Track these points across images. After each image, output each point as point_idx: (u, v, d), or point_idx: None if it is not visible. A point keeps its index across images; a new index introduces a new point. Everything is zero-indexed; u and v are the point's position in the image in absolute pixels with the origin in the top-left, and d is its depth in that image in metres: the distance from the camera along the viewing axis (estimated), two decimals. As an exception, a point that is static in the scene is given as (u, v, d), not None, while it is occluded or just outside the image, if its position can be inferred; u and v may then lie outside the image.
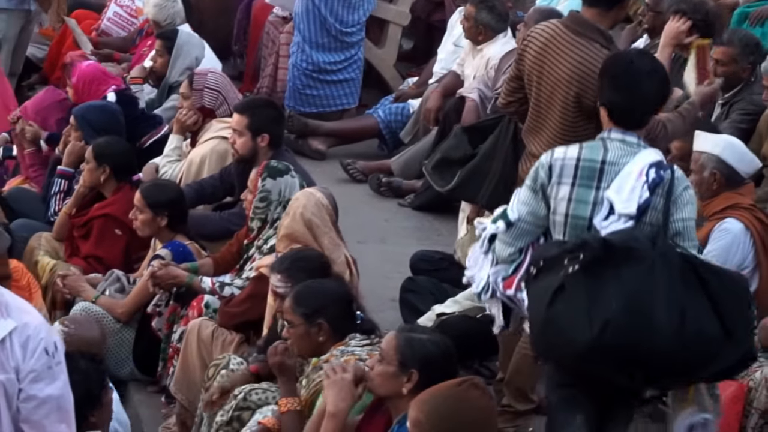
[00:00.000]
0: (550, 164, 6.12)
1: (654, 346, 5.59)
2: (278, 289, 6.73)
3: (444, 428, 4.77)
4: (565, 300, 5.77)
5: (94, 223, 8.72)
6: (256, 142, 8.26)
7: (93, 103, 9.96)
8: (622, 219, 5.81)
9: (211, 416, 6.89)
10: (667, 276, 5.67)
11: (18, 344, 4.47)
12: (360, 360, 6.08)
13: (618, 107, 6.09)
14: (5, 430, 4.48)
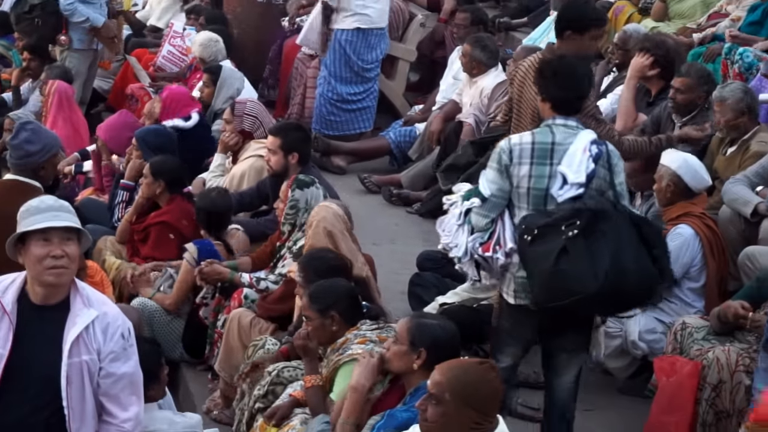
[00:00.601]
0: (510, 149, 6.64)
1: (628, 287, 6.40)
2: (297, 278, 6.97)
3: (459, 393, 4.72)
4: (570, 259, 6.33)
5: (151, 229, 8.82)
6: (287, 159, 8.33)
7: (151, 127, 10.10)
8: (574, 187, 6.42)
9: (249, 390, 6.96)
10: (627, 231, 6.47)
11: (99, 330, 4.75)
12: (370, 341, 6.21)
13: (560, 99, 6.70)
14: (88, 401, 4.88)
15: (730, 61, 9.60)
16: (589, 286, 6.25)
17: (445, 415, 4.74)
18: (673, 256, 7.30)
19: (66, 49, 12.52)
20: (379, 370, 5.87)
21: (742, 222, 7.86)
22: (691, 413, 6.83)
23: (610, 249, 6.34)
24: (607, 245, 6.36)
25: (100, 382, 4.91)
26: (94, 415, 4.96)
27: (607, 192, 6.64)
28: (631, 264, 6.39)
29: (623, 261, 6.34)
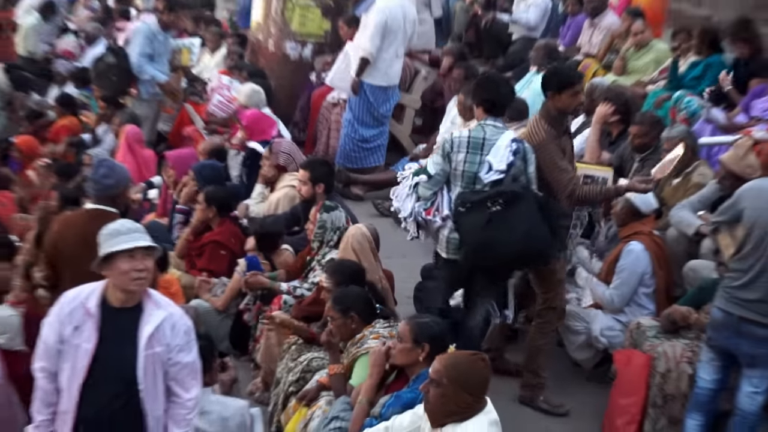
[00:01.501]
0: (452, 141, 7.37)
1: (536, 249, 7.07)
2: (324, 284, 7.07)
3: (455, 379, 4.92)
4: (494, 228, 7.02)
5: (206, 246, 8.89)
6: (315, 189, 8.39)
7: (205, 162, 10.21)
8: (497, 173, 7.11)
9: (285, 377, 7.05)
10: (533, 207, 7.05)
11: (168, 327, 5.00)
12: (382, 336, 6.32)
13: (489, 103, 7.38)
14: (159, 385, 5.20)
15: (678, 108, 9.65)
16: (507, 250, 7.05)
17: (444, 396, 4.93)
18: (630, 267, 7.48)
19: (135, 99, 12.64)
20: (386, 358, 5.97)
21: (686, 240, 7.95)
22: (643, 396, 6.94)
23: (524, 222, 6.97)
24: (522, 219, 6.98)
25: (168, 369, 5.17)
26: (163, 397, 5.19)
27: (521, 178, 7.25)
28: (539, 234, 7.07)
29: (533, 232, 7.00)
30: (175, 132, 12.49)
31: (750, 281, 5.93)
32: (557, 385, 7.56)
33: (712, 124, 9.29)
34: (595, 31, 12.61)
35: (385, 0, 11.61)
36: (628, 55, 11.66)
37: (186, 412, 5.25)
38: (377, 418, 5.71)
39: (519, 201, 7.06)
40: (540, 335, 7.37)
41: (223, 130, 11.77)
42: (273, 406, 7.10)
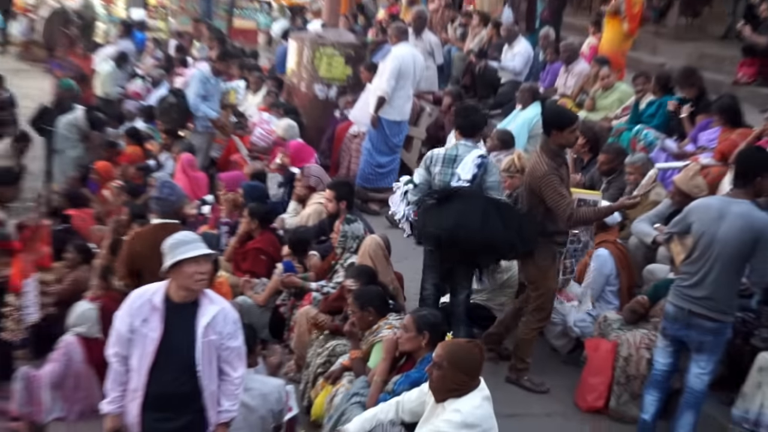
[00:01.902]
0: (431, 156, 7.68)
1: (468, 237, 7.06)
2: (346, 284, 7.07)
3: (453, 363, 4.98)
4: (427, 217, 7.46)
5: (249, 253, 8.87)
6: (339, 205, 8.34)
7: (251, 183, 10.28)
8: (464, 181, 7.30)
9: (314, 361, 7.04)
10: (481, 205, 7.20)
11: (221, 319, 5.13)
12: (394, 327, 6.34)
13: (464, 128, 7.68)
14: (213, 366, 5.31)
15: (638, 139, 9.64)
16: (434, 233, 7.29)
17: (444, 377, 5.00)
18: (599, 270, 7.48)
19: (192, 132, 12.67)
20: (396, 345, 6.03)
21: (645, 248, 7.94)
22: (609, 376, 6.96)
23: (454, 213, 7.13)
24: (452, 211, 7.16)
25: (221, 353, 5.28)
26: (216, 376, 5.32)
27: (483, 186, 7.38)
28: (475, 225, 7.07)
29: (466, 221, 7.07)
30: (224, 158, 12.52)
31: (698, 282, 5.91)
32: (539, 366, 7.47)
33: (666, 152, 9.26)
34: (569, 75, 12.60)
35: (398, 49, 11.62)
36: (596, 96, 11.66)
37: (234, 388, 5.37)
38: (390, 393, 5.75)
39: (456, 198, 7.29)
40: (527, 330, 7.26)
41: (263, 157, 11.80)
42: (304, 384, 7.10)
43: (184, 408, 5.25)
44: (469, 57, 14.91)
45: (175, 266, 5.09)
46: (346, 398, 6.04)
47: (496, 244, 7.21)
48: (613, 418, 6.85)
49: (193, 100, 12.73)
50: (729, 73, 13.71)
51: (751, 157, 6.25)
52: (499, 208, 7.27)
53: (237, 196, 9.82)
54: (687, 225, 6.16)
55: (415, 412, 5.34)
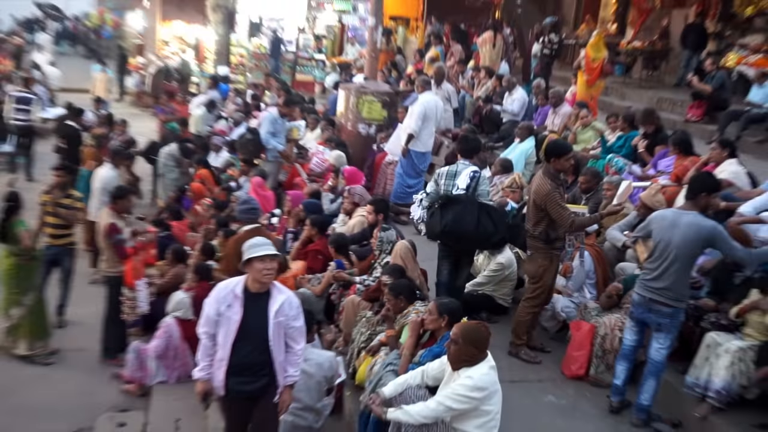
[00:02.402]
0: (439, 172, 7.80)
1: (465, 233, 7.35)
2: (383, 279, 7.08)
3: (466, 338, 5.01)
4: (433, 217, 7.66)
5: (309, 252, 8.88)
6: (377, 217, 8.35)
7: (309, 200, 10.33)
8: (461, 190, 7.41)
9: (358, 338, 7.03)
10: (471, 209, 7.36)
11: (287, 305, 5.17)
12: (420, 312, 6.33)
13: (463, 151, 7.90)
14: (281, 341, 5.37)
15: (610, 165, 9.60)
16: (437, 229, 7.53)
17: (459, 350, 5.03)
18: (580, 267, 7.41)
19: (264, 161, 12.73)
20: (420, 326, 6.00)
21: (616, 250, 7.87)
22: (589, 350, 6.90)
23: (452, 214, 7.39)
24: (451, 212, 7.41)
25: (287, 331, 5.33)
26: (283, 349, 5.39)
27: (476, 193, 7.49)
28: (470, 223, 7.36)
29: (462, 220, 7.36)
30: (289, 181, 12.57)
31: (657, 276, 5.92)
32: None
33: (632, 176, 9.21)
34: (556, 116, 12.57)
35: (423, 97, 11.65)
36: (577, 131, 11.62)
37: (297, 358, 5.44)
38: (416, 364, 5.72)
39: (454, 203, 7.49)
40: (523, 314, 7.17)
41: (319, 180, 11.81)
42: (350, 356, 7.06)
43: (259, 373, 5.30)
44: (477, 102, 14.94)
45: (248, 263, 5.20)
46: (382, 367, 6.03)
47: (487, 235, 7.47)
48: (592, 383, 6.78)
49: (265, 136, 12.81)
50: (681, 114, 13.76)
51: (699, 180, 6.36)
52: (488, 211, 7.52)
53: (300, 211, 9.85)
54: (648, 231, 6.23)
55: (437, 378, 5.33)
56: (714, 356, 6.06)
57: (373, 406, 5.40)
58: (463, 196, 7.50)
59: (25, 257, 8.78)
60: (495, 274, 7.88)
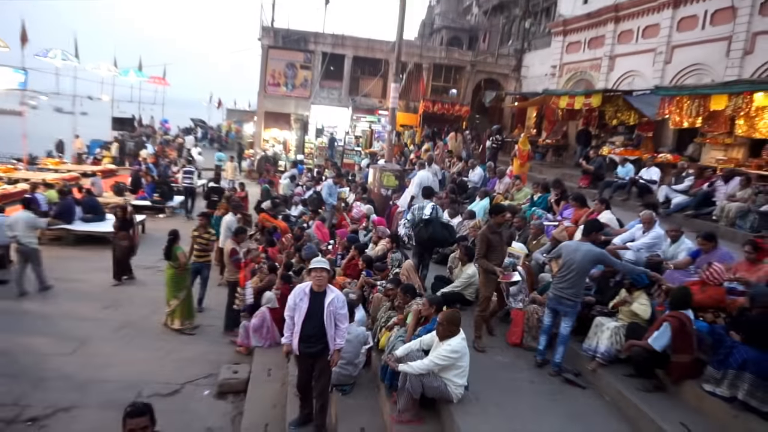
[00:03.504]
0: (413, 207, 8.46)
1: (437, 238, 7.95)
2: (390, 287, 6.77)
3: (447, 320, 4.92)
4: (420, 231, 7.99)
5: (351, 266, 8.66)
6: (392, 245, 8.29)
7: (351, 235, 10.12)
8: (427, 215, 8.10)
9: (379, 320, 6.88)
10: (439, 225, 8.04)
11: (335, 299, 4.94)
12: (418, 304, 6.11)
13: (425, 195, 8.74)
14: (332, 321, 5.17)
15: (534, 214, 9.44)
16: (425, 236, 7.95)
17: (443, 328, 4.87)
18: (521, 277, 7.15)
19: (324, 211, 12.72)
20: (419, 314, 5.81)
21: (538, 266, 7.67)
22: (522, 327, 6.64)
23: (430, 229, 7.94)
24: (430, 227, 7.94)
25: (335, 315, 5.14)
26: (333, 326, 5.12)
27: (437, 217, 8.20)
28: (440, 233, 8.01)
29: (435, 231, 7.95)
30: (339, 223, 12.46)
31: (564, 282, 5.77)
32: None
33: (548, 219, 9.06)
34: (501, 184, 12.46)
35: (420, 172, 11.68)
36: (513, 193, 11.47)
37: (342, 332, 5.24)
38: (416, 336, 5.57)
39: (430, 223, 8.06)
40: (476, 317, 6.45)
41: (357, 223, 11.71)
42: (375, 331, 6.84)
43: (318, 341, 5.17)
44: (453, 176, 14.85)
45: (310, 272, 5.19)
46: (395, 338, 5.90)
47: (446, 240, 8.25)
48: (525, 348, 6.53)
49: (325, 196, 12.83)
50: (575, 183, 13.59)
51: (591, 223, 6.25)
52: (446, 227, 8.29)
53: (345, 241, 9.75)
54: (558, 254, 6.07)
55: (429, 345, 5.19)
56: (600, 332, 5.90)
57: (389, 362, 5.34)
58: (433, 218, 8.16)
59: (180, 269, 8.79)
60: (465, 280, 7.71)
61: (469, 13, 37.66)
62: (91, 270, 11.19)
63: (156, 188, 17.54)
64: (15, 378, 6.85)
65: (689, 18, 15.29)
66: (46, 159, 24.58)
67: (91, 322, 8.79)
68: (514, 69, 26.29)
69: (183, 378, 7.28)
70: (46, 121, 46.14)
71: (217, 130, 43.99)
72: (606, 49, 18.86)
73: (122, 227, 10.73)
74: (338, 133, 25.37)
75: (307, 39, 25.32)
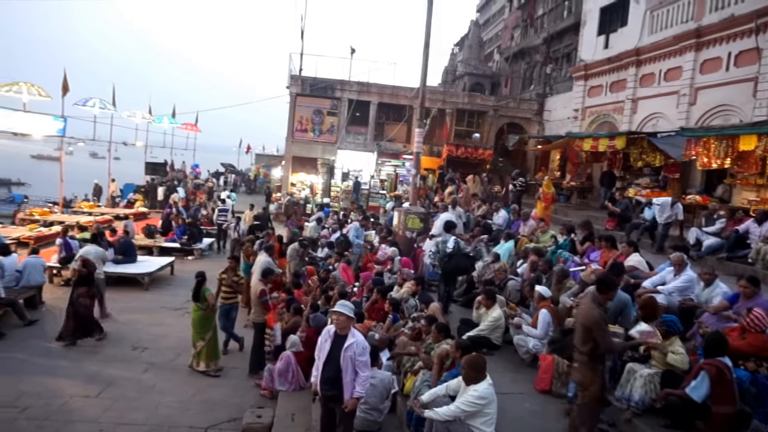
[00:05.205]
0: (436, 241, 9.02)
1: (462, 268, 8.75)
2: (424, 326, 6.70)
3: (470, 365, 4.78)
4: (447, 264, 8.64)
5: (375, 309, 8.60)
6: (417, 287, 8.24)
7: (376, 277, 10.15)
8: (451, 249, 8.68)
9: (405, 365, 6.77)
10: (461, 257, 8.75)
11: (355, 345, 4.85)
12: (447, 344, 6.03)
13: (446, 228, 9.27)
14: (351, 369, 5.04)
15: (560, 257, 9.29)
16: (451, 268, 8.67)
17: (467, 373, 4.77)
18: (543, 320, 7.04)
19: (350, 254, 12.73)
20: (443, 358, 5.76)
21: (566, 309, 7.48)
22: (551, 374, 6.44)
23: (454, 261, 8.68)
24: (454, 260, 8.67)
25: (354, 362, 5.02)
26: (353, 375, 4.99)
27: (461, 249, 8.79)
28: (462, 264, 8.86)
29: (460, 262, 8.75)
30: (364, 265, 12.48)
31: None
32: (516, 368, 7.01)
33: (574, 263, 8.91)
34: (526, 226, 12.35)
35: (443, 214, 11.72)
36: (538, 235, 11.35)
37: (362, 381, 5.06)
38: (442, 381, 5.50)
39: (455, 256, 8.79)
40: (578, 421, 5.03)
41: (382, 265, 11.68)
42: (401, 375, 6.73)
43: (334, 385, 5.10)
44: (477, 218, 14.79)
45: (332, 314, 5.20)
46: (421, 382, 5.83)
47: (468, 269, 9.11)
48: (554, 395, 6.31)
49: (352, 238, 12.93)
50: (602, 225, 13.37)
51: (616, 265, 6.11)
52: (468, 256, 9.12)
53: (369, 284, 9.71)
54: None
55: (456, 390, 5.06)
56: (633, 379, 5.66)
57: (415, 408, 5.22)
58: (455, 251, 8.88)
59: (208, 310, 8.83)
60: (491, 324, 7.58)
61: (490, 60, 38.36)
62: (120, 311, 11.34)
63: (185, 230, 17.87)
64: (44, 421, 6.88)
65: (712, 60, 15.26)
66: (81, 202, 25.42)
67: (118, 363, 8.85)
68: (536, 113, 26.48)
69: (207, 422, 7.21)
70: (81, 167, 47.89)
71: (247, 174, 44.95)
72: (628, 92, 18.88)
73: (83, 283, 9.67)
74: (363, 176, 25.69)
75: (333, 87, 26.02)
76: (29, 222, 18.94)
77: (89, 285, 9.68)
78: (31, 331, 9.76)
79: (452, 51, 46.53)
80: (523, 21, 32.00)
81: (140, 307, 11.95)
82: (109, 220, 20.26)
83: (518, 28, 32.85)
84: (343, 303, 5.26)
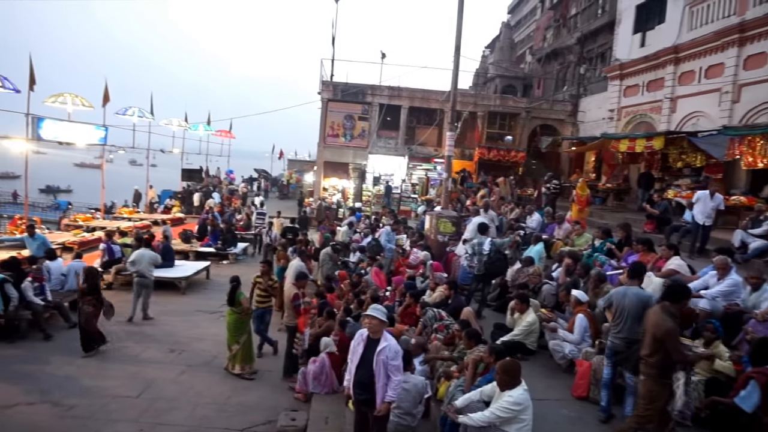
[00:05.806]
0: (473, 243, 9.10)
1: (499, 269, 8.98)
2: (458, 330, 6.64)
3: (505, 371, 4.71)
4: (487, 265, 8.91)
5: (408, 314, 8.56)
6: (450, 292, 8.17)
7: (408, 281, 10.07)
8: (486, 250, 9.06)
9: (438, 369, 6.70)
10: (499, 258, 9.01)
11: (387, 349, 4.74)
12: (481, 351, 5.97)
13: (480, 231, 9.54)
14: (383, 372, 4.97)
15: (596, 260, 9.11)
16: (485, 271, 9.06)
17: (501, 378, 4.72)
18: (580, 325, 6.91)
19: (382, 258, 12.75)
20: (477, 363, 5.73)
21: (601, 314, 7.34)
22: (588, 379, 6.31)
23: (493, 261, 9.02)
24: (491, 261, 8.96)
25: (386, 366, 4.95)
26: (385, 379, 4.99)
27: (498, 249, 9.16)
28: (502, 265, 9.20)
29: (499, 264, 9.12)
30: (396, 269, 12.48)
31: (616, 328, 5.61)
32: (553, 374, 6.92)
33: (611, 267, 8.70)
34: (561, 229, 12.14)
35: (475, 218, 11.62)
36: (573, 239, 11.14)
37: (395, 385, 5.00)
38: (476, 386, 5.42)
39: (491, 259, 9.17)
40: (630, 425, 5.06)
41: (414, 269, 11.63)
42: (434, 380, 6.69)
43: (367, 389, 5.08)
44: (509, 222, 14.62)
45: (364, 318, 5.16)
46: (455, 387, 5.78)
47: (505, 270, 9.40)
48: (591, 401, 6.20)
49: (384, 242, 12.91)
50: (640, 228, 13.00)
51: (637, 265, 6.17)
52: (504, 256, 9.52)
53: (402, 288, 9.69)
54: (610, 301, 5.93)
55: (490, 396, 5.02)
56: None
57: (449, 413, 5.18)
58: (493, 254, 9.28)
59: (242, 314, 8.95)
60: (525, 328, 7.48)
61: (522, 62, 37.93)
62: (159, 314, 11.62)
63: (220, 236, 18.20)
64: (88, 420, 7.09)
65: (757, 56, 14.71)
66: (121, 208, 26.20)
67: (157, 365, 9.06)
68: (569, 114, 26.04)
69: (242, 424, 7.31)
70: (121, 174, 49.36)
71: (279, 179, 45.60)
72: (666, 90, 18.39)
73: (89, 293, 9.42)
74: (395, 181, 25.72)
75: (364, 92, 26.16)
76: (74, 227, 19.64)
77: (96, 294, 9.49)
78: (76, 333, 10.05)
79: (483, 53, 46.21)
80: (555, 21, 31.57)
81: (177, 310, 12.21)
82: (147, 225, 20.81)
83: (551, 28, 32.41)
84: (376, 307, 5.23)
